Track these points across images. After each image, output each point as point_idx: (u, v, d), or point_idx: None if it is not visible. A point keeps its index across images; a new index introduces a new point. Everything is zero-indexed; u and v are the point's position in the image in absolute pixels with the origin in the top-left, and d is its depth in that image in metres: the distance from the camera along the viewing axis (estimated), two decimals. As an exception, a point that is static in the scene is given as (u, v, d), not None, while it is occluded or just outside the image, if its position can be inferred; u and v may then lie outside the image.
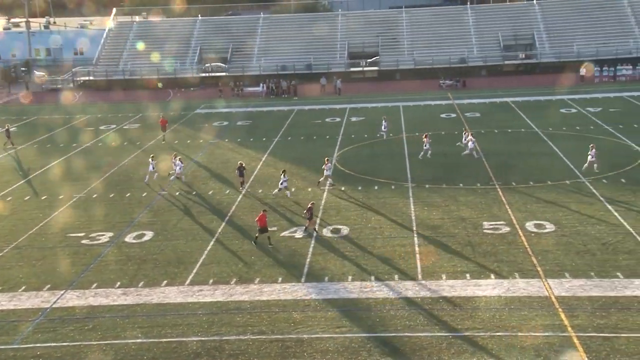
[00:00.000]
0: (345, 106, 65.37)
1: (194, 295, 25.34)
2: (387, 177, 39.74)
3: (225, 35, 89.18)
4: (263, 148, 48.74)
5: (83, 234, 32.30)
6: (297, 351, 21.24)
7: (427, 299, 24.32)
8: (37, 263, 29.00)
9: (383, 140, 49.85)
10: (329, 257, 28.55)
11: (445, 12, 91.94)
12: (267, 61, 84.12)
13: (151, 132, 56.36)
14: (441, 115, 58.95)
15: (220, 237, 31.35)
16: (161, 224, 33.28)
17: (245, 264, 28.13)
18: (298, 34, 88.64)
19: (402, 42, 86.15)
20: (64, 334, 22.80)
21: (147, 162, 41.05)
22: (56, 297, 25.56)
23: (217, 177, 41.36)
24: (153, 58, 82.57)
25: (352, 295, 24.99)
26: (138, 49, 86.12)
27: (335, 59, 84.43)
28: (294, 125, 57.43)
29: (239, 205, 35.90)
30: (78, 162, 46.98)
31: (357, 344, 21.55)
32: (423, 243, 29.61)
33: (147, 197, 37.80)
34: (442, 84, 75.47)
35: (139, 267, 28.19)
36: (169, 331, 22.75)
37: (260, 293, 25.37)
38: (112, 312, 24.29)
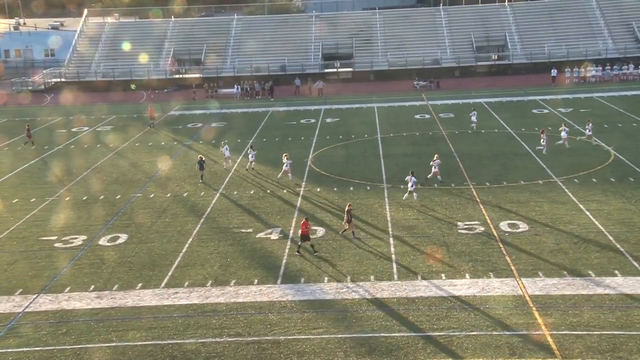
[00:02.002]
0: (320, 107, 65.44)
1: (169, 298, 25.20)
2: (362, 178, 39.87)
3: (199, 37, 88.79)
4: (237, 150, 48.57)
5: (56, 237, 31.95)
6: (273, 353, 21.22)
7: (403, 299, 24.44)
8: (8, 267, 28.62)
9: (358, 142, 49.99)
10: (305, 258, 28.55)
11: (418, 14, 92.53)
12: (241, 62, 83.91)
13: (125, 134, 55.91)
14: (415, 116, 59.27)
15: (195, 239, 31.21)
16: (135, 227, 33.04)
17: (220, 266, 28.03)
18: (272, 36, 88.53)
19: (376, 44, 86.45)
20: (37, 338, 22.53)
21: (248, 153, 42.13)
22: (28, 302, 25.25)
23: (192, 179, 41.16)
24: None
25: (328, 296, 25.03)
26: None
27: (310, 61, 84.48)
28: (268, 127, 57.36)
29: (214, 207, 35.76)
30: (50, 165, 46.46)
31: (333, 344, 21.59)
32: (398, 243, 29.75)
33: (121, 200, 37.51)
34: (416, 85, 75.89)
35: (114, 270, 27.95)
36: (144, 334, 22.60)
37: (237, 295, 25.30)
38: (86, 316, 24.05)
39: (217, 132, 56.13)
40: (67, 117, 64.99)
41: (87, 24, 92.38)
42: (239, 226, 32.73)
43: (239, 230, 32.13)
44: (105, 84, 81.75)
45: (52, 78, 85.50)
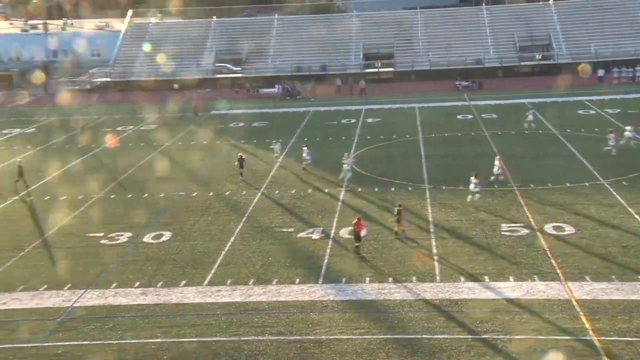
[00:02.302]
0: (361, 107, 65.33)
1: (212, 296, 25.44)
2: (403, 179, 39.70)
3: (241, 37, 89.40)
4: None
5: (102, 234, 32.52)
6: (315, 352, 21.27)
7: (446, 301, 24.27)
8: (57, 263, 29.26)
9: (399, 142, 49.80)
10: (347, 258, 28.57)
11: (460, 13, 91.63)
12: (282, 62, 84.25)
13: (168, 132, 56.61)
14: (457, 117, 58.79)
15: (237, 237, 31.45)
16: (179, 225, 33.44)
17: (262, 264, 28.20)
18: (313, 35, 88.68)
19: (417, 43, 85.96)
20: (85, 332, 22.98)
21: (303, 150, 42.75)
22: (77, 297, 25.75)
23: (234, 178, 41.48)
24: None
25: (370, 296, 25.00)
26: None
27: (350, 60, 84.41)
28: (309, 127, 57.48)
29: (256, 205, 35.99)
30: (96, 163, 47.28)
31: (375, 345, 21.56)
32: (441, 245, 29.56)
33: (164, 198, 37.99)
34: (458, 85, 75.22)
35: (158, 267, 28.33)
36: (187, 331, 22.86)
37: (278, 294, 25.42)
38: (131, 311, 24.44)
39: (258, 131, 56.45)
40: (112, 116, 66.02)
41: (131, 25, 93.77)
42: (280, 225, 32.88)
43: (281, 230, 32.28)
44: (149, 83, 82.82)
45: (98, 78, 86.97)
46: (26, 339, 22.66)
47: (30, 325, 23.60)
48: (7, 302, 25.46)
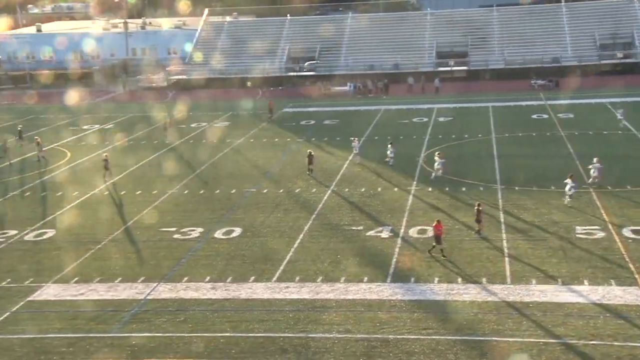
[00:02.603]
0: (433, 106, 64.67)
1: (280, 292, 25.66)
2: (475, 179, 39.09)
3: (314, 35, 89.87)
4: (349, 148, 48.75)
5: (175, 228, 33.26)
6: (382, 351, 21.18)
7: (517, 304, 23.76)
8: (132, 256, 30.07)
9: (471, 142, 49.06)
10: (415, 258, 28.33)
11: (538, 11, 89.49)
12: (354, 61, 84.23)
13: (240, 130, 57.44)
14: (532, 116, 57.47)
15: (306, 235, 31.62)
16: (249, 221, 33.87)
17: (331, 262, 28.26)
18: (386, 34, 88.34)
19: (492, 42, 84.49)
20: (157, 325, 23.55)
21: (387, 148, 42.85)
22: (150, 289, 26.43)
23: (304, 175, 41.73)
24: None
25: (439, 297, 24.72)
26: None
27: (424, 59, 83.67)
28: (380, 125, 57.28)
29: (326, 203, 36.11)
30: (170, 159, 48.39)
31: (443, 346, 21.30)
32: (512, 246, 28.96)
33: (235, 194, 38.55)
34: (533, 84, 73.52)
35: (228, 262, 28.78)
36: (256, 326, 23.13)
37: (346, 292, 25.43)
38: (202, 305, 24.90)
39: (329, 129, 56.62)
40: (187, 113, 67.41)
41: (207, 23, 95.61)
42: (349, 223, 32.89)
43: (350, 228, 32.28)
44: (223, 81, 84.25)
45: (173, 75, 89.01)
46: (102, 330, 23.39)
47: (106, 316, 24.34)
48: (85, 293, 26.34)
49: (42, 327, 23.70)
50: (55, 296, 26.20)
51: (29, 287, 27.15)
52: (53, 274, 28.22)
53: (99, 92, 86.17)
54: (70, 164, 48.02)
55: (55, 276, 28.02)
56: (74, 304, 25.46)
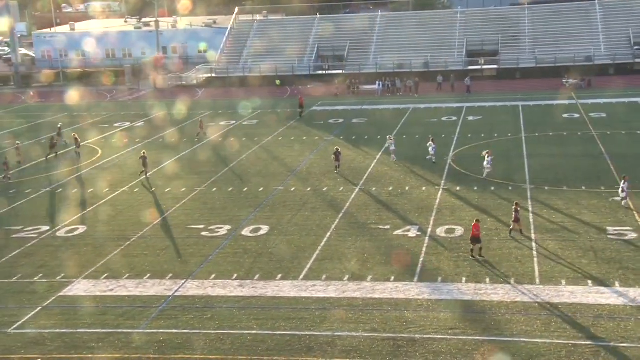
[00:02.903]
0: (462, 105, 64.23)
1: (307, 290, 25.69)
2: (504, 178, 38.74)
3: (343, 33, 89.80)
4: (378, 146, 48.72)
5: (203, 226, 33.49)
6: (409, 351, 21.10)
7: (546, 305, 23.52)
8: (160, 252, 30.35)
9: (501, 141, 48.64)
10: (443, 257, 28.18)
11: (571, 9, 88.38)
12: (383, 59, 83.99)
13: (268, 128, 57.62)
14: (564, 116, 56.80)
15: (333, 233, 31.62)
16: (276, 219, 33.97)
17: (358, 261, 28.23)
18: (416, 32, 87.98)
19: (524, 40, 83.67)
20: (185, 321, 23.74)
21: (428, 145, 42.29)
22: (178, 286, 26.65)
23: (332, 174, 41.73)
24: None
25: (466, 297, 24.55)
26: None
27: (453, 57, 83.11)
28: (409, 124, 57.06)
29: (353, 202, 36.07)
30: (199, 157, 48.71)
31: (470, 346, 21.16)
32: (542, 246, 28.65)
33: (263, 192, 38.69)
34: (565, 83, 72.63)
35: (255, 260, 28.89)
36: (282, 324, 23.18)
37: (373, 291, 25.38)
38: (229, 303, 25.04)
39: (357, 128, 56.55)
40: (216, 111, 67.83)
41: (237, 22, 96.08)
42: (376, 222, 32.82)
43: (377, 227, 32.21)
44: (252, 79, 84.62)
45: (203, 73, 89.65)
46: (130, 325, 23.64)
47: (135, 312, 24.60)
48: (114, 289, 26.65)
49: (72, 322, 24.04)
50: (86, 292, 26.56)
51: (60, 282, 27.56)
52: (83, 270, 28.61)
53: (129, 90, 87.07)
54: (101, 161, 48.60)
55: (85, 272, 28.40)
56: (103, 300, 25.78)
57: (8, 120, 67.90)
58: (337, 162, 41.82)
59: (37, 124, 65.10)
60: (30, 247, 31.66)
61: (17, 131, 61.85)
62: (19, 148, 48.65)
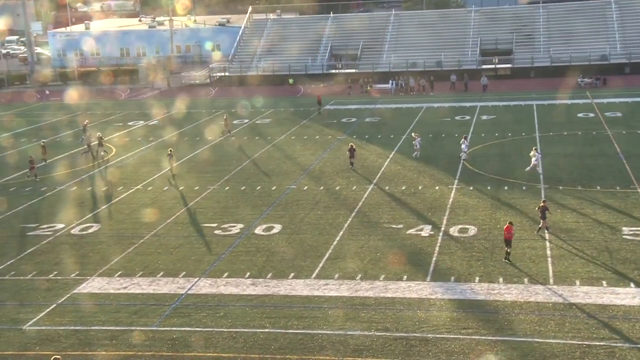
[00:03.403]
0: (476, 104, 63.98)
1: (319, 289, 25.71)
2: (518, 178, 38.57)
3: (356, 32, 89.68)
4: (391, 145, 48.65)
5: (216, 224, 33.57)
6: (421, 350, 21.07)
7: (559, 305, 23.40)
8: (174, 250, 30.46)
9: (515, 140, 48.40)
10: (456, 257, 28.10)
11: (586, 7, 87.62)
12: (397, 58, 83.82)
13: (281, 127, 57.67)
14: (578, 115, 56.44)
15: (346, 232, 31.61)
16: (289, 218, 33.99)
17: (370, 260, 28.21)
18: (429, 31, 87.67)
19: (538, 39, 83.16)
20: (198, 319, 23.82)
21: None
22: (191, 284, 26.74)
23: (345, 173, 41.70)
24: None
25: (479, 296, 24.48)
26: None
27: (467, 56, 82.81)
28: (422, 123, 56.90)
29: (366, 201, 36.03)
30: (213, 155, 48.81)
31: (483, 346, 21.09)
32: (555, 246, 28.50)
33: (276, 191, 38.73)
34: (580, 82, 72.16)
35: (268, 259, 28.94)
36: (295, 323, 23.21)
37: (385, 290, 25.35)
38: (241, 301, 25.09)
39: (370, 127, 56.47)
40: (229, 110, 67.94)
41: (250, 21, 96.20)
42: (389, 221, 32.77)
43: (390, 226, 32.16)
44: (265, 78, 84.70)
45: (217, 72, 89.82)
46: (143, 323, 23.75)
47: (148, 310, 24.71)
48: (128, 287, 26.79)
49: (86, 320, 24.19)
50: (100, 289, 26.72)
51: (74, 279, 27.74)
52: (97, 268, 28.78)
53: (143, 89, 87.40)
54: (115, 159, 48.82)
55: (99, 270, 28.56)
56: (117, 297, 25.92)
57: (24, 119, 68.32)
58: (352, 158, 42.24)
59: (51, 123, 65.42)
60: (45, 245, 31.89)
61: (33, 130, 62.23)
62: (44, 146, 48.82)
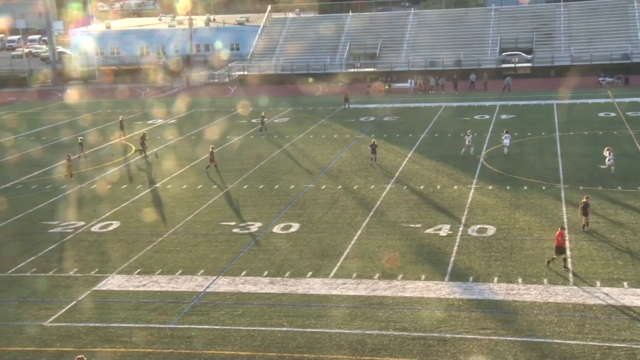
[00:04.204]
0: (495, 103, 63.63)
1: (337, 288, 25.71)
2: (537, 178, 38.33)
3: (375, 31, 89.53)
4: (409, 144, 48.54)
5: (234, 222, 33.69)
6: (439, 350, 21.01)
7: (579, 306, 23.22)
8: (192, 249, 30.60)
9: (534, 140, 48.08)
10: (474, 256, 27.98)
11: (608, 6, 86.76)
12: (415, 57, 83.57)
13: (300, 125, 57.70)
14: (599, 114, 55.94)
15: (364, 231, 31.58)
16: (307, 217, 34.03)
17: (388, 259, 28.15)
18: (448, 30, 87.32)
19: (559, 38, 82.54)
20: (216, 317, 23.92)
21: None
22: (209, 282, 26.86)
23: (363, 172, 41.67)
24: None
25: (498, 297, 24.36)
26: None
27: (486, 55, 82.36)
28: (440, 122, 56.70)
29: (384, 200, 35.97)
30: (231, 154, 48.96)
31: (502, 346, 20.99)
32: (575, 247, 28.28)
33: (294, 190, 38.77)
34: (601, 82, 71.50)
35: (286, 257, 28.99)
36: (312, 322, 23.24)
37: (403, 289, 25.31)
38: (259, 299, 25.17)
39: (389, 126, 56.35)
40: (248, 108, 68.11)
41: (270, 20, 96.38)
42: (407, 221, 32.70)
43: (408, 225, 32.09)
44: (284, 77, 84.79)
45: (235, 71, 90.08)
46: (162, 320, 23.90)
47: (166, 307, 24.87)
48: (147, 285, 26.96)
49: (106, 316, 24.39)
50: (119, 286, 26.92)
51: (94, 277, 27.97)
52: (117, 265, 29.00)
53: (163, 88, 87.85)
54: (134, 157, 49.12)
55: (119, 267, 28.77)
56: (136, 295, 26.10)
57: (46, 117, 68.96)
58: (374, 154, 42.97)
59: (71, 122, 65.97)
60: (66, 242, 32.19)
61: (53, 128, 62.79)
62: (82, 143, 49.12)
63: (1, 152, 52.92)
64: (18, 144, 55.80)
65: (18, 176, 44.88)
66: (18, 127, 63.58)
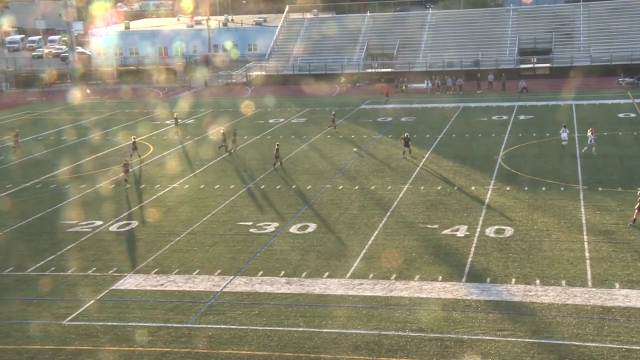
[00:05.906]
0: (513, 104, 63.30)
1: (354, 289, 25.70)
2: (556, 179, 38.07)
3: (393, 32, 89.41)
4: (426, 145, 48.41)
5: (251, 222, 33.78)
6: (456, 351, 20.94)
7: (598, 308, 23.04)
8: (209, 249, 30.72)
9: (553, 140, 47.76)
10: (492, 257, 27.85)
11: (627, 5, 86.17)
12: (433, 57, 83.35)
13: (317, 125, 57.74)
14: (619, 115, 55.48)
15: (381, 232, 31.54)
16: (324, 217, 34.04)
17: (405, 260, 28.11)
18: (466, 30, 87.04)
19: (578, 38, 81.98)
20: (233, 317, 24.00)
21: None
22: (226, 282, 26.95)
23: (380, 173, 41.62)
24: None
25: (516, 298, 24.22)
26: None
27: (505, 56, 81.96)
28: (458, 123, 56.50)
29: (401, 201, 35.91)
30: (249, 154, 49.09)
31: (519, 348, 20.87)
32: (594, 248, 28.06)
33: (311, 190, 38.80)
34: (621, 82, 70.92)
35: (302, 257, 29.02)
36: (329, 322, 23.24)
37: (420, 290, 25.24)
38: (276, 299, 25.21)
39: (406, 126, 56.23)
40: (265, 109, 68.32)
41: (287, 20, 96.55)
42: (424, 222, 32.61)
43: (425, 226, 32.00)
44: (302, 77, 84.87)
45: (253, 71, 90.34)
46: (179, 320, 24.00)
47: (184, 307, 24.98)
48: (164, 284, 27.10)
49: (123, 316, 24.55)
50: (137, 286, 27.08)
51: (112, 276, 28.16)
52: (135, 265, 29.18)
53: (181, 88, 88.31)
54: (152, 157, 49.41)
55: (136, 267, 28.95)
56: (153, 294, 26.24)
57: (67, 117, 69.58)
58: (407, 147, 44.11)
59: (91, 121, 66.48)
60: (84, 241, 32.44)
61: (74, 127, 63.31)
62: (135, 142, 49.12)
63: (24, 152, 53.35)
64: (37, 144, 56.30)
65: (37, 176, 45.30)
66: (37, 128, 64.19)
